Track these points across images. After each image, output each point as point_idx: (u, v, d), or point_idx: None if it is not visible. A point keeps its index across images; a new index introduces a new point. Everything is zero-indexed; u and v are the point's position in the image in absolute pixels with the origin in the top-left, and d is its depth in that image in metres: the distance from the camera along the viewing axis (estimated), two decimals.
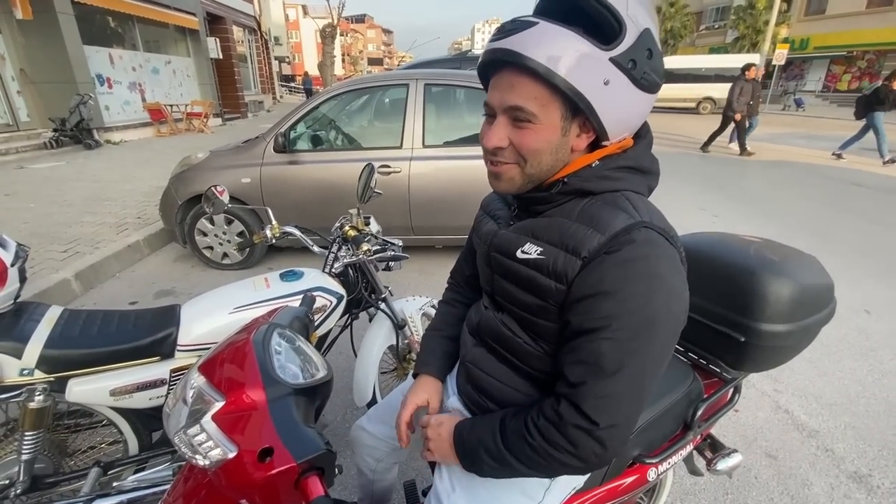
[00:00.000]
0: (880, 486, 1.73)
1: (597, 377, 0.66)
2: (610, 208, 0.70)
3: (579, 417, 0.67)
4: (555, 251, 0.71)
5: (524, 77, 0.65)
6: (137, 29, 10.73)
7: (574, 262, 0.68)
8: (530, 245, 0.75)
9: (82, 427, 1.39)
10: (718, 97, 19.11)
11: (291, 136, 3.44)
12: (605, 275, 0.65)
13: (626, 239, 0.66)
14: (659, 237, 0.68)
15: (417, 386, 0.99)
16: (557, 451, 0.69)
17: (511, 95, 0.67)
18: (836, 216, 5.12)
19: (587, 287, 0.67)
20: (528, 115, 0.67)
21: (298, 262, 3.57)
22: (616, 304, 0.64)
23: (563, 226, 0.72)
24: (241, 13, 16.23)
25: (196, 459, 0.66)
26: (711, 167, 7.91)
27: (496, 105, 0.70)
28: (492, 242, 0.84)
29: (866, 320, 2.91)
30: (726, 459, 1.16)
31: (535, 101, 0.66)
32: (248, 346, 0.76)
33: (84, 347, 1.21)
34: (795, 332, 1.01)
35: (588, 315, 0.67)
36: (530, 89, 0.65)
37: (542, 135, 0.68)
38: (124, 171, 6.58)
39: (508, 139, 0.70)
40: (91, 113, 8.27)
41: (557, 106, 0.66)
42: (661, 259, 0.66)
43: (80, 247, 3.61)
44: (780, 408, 2.14)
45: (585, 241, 0.68)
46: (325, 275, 1.58)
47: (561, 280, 0.70)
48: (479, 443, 0.79)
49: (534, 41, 0.62)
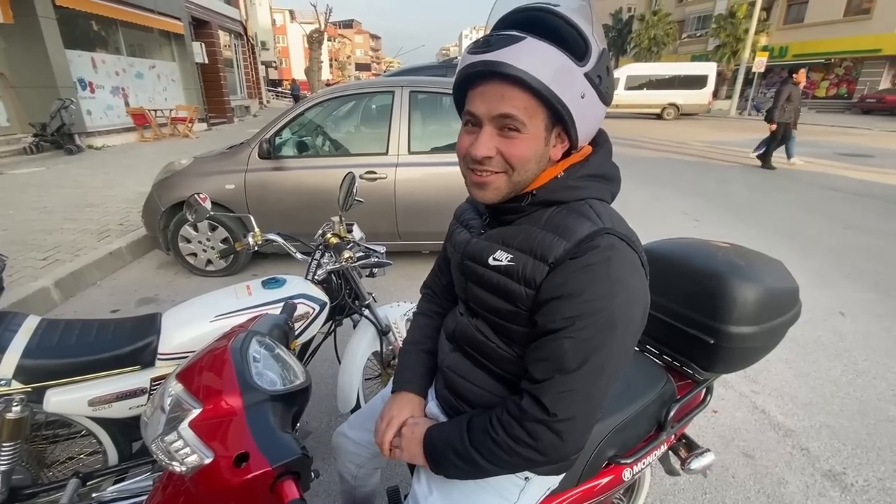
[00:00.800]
0: (854, 483, 1.79)
1: (558, 373, 0.70)
2: (575, 216, 0.74)
3: (539, 411, 0.70)
4: (524, 258, 0.74)
5: (513, 88, 0.67)
6: (121, 33, 10.63)
7: (542, 268, 0.72)
8: (501, 252, 0.78)
9: (60, 438, 1.38)
10: (682, 103, 19.92)
11: (276, 143, 3.44)
12: (568, 278, 0.69)
13: (590, 245, 0.70)
14: (621, 242, 0.71)
15: (400, 404, 0.96)
16: (519, 445, 0.72)
17: (501, 105, 0.69)
18: (811, 220, 5.26)
19: (552, 290, 0.70)
20: (517, 123, 0.69)
21: (284, 268, 3.56)
22: (578, 305, 0.68)
23: (531, 234, 0.76)
24: (228, 18, 16.16)
25: (173, 466, 0.67)
26: (692, 171, 8.06)
27: (483, 114, 0.71)
28: (465, 251, 0.87)
29: (841, 322, 2.99)
30: (699, 459, 1.19)
31: (525, 111, 0.69)
32: (225, 354, 0.77)
33: (62, 357, 1.20)
34: (762, 334, 1.05)
35: (553, 316, 0.70)
36: (520, 99, 0.68)
37: (529, 143, 0.71)
38: (107, 176, 6.49)
39: (496, 148, 0.72)
40: (73, 118, 8.16)
41: (543, 116, 0.70)
42: (622, 263, 0.70)
43: (61, 254, 3.55)
44: (758, 408, 2.20)
45: (552, 247, 0.72)
46: (307, 282, 1.59)
47: (530, 285, 0.73)
48: (446, 443, 0.81)
49: (524, 54, 0.65)
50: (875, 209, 5.75)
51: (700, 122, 19.66)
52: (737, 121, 19.95)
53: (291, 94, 27.57)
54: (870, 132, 15.14)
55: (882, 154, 10.31)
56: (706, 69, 20.46)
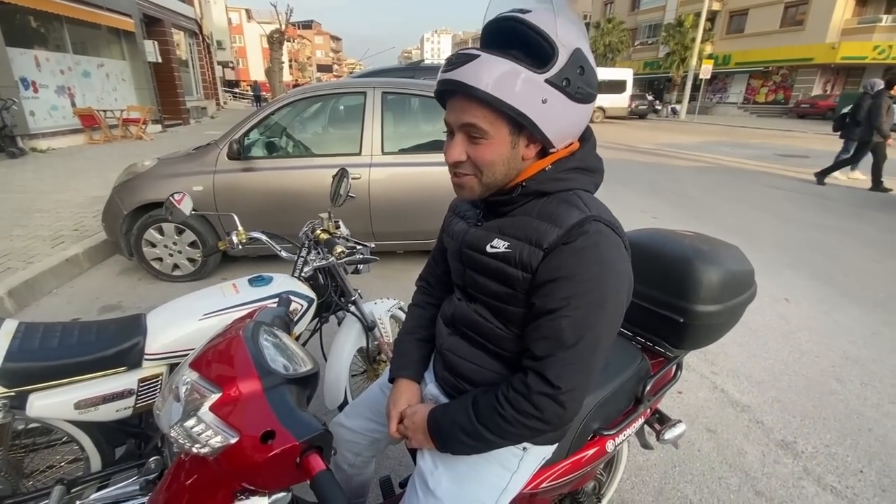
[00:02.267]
0: (804, 450, 1.97)
1: (559, 349, 0.77)
2: (565, 206, 0.81)
3: (544, 385, 0.77)
4: (520, 244, 0.81)
5: (471, 101, 0.74)
6: (66, 30, 10.01)
7: (537, 253, 0.79)
8: (498, 240, 0.85)
9: (40, 446, 1.33)
10: (608, 106, 21.05)
11: (246, 143, 3.38)
12: (562, 262, 0.77)
13: (580, 231, 0.77)
14: (606, 228, 0.79)
15: (398, 392, 1.03)
16: (525, 418, 0.79)
17: (464, 115, 0.77)
18: (757, 216, 5.67)
19: (548, 273, 0.77)
20: (480, 132, 0.77)
21: (253, 271, 3.48)
22: (573, 285, 0.75)
23: (525, 223, 0.83)
24: (181, 16, 15.53)
25: (195, 448, 0.69)
26: (649, 173, 8.47)
27: (453, 123, 0.80)
28: (463, 239, 0.93)
29: (785, 307, 3.26)
30: (672, 429, 1.30)
31: (485, 120, 0.76)
32: (239, 342, 0.79)
33: (46, 360, 1.17)
34: (724, 312, 1.16)
35: (550, 297, 0.77)
36: (478, 110, 0.75)
37: (494, 149, 0.78)
38: (55, 180, 6.12)
39: (466, 153, 0.80)
40: (14, 119, 7.64)
41: (504, 123, 0.76)
42: (609, 246, 0.78)
43: (12, 262, 3.35)
44: (717, 387, 2.37)
45: (546, 234, 0.79)
46: (294, 279, 1.60)
47: (527, 269, 0.80)
48: (453, 423, 0.87)
49: (478, 71, 0.71)
50: (812, 205, 6.26)
51: (650, 124, 20.58)
52: (686, 124, 21.06)
53: (253, 96, 26.82)
54: (804, 135, 16.38)
55: (816, 155, 11.17)
56: (624, 75, 21.78)
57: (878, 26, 22.61)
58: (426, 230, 3.55)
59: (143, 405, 1.32)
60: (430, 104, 3.69)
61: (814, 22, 24.03)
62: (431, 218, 3.47)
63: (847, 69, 24.65)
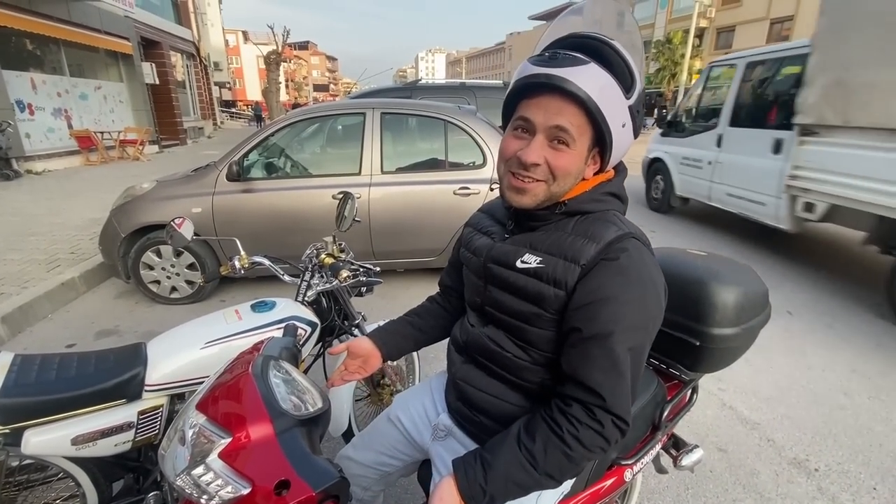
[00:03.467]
0: (817, 468, 1.93)
1: (616, 379, 0.74)
2: (601, 223, 0.80)
3: (612, 419, 0.74)
4: (554, 260, 0.79)
5: (572, 104, 0.73)
6: (64, 53, 10.07)
7: (573, 269, 0.76)
8: (529, 255, 0.82)
9: (35, 483, 1.28)
10: None
11: (245, 164, 3.37)
12: (605, 281, 0.74)
13: (620, 247, 0.76)
14: (644, 247, 0.79)
15: (358, 344, 1.06)
16: (592, 453, 0.76)
17: (558, 117, 0.74)
18: (753, 226, 5.68)
19: (590, 293, 0.75)
20: (569, 137, 0.75)
21: (252, 293, 3.46)
22: (618, 307, 0.73)
23: (560, 238, 0.81)
24: (179, 38, 15.71)
25: (203, 500, 0.66)
26: (640, 185, 8.51)
27: (539, 123, 0.76)
28: (488, 255, 0.90)
29: (789, 320, 3.25)
30: (690, 455, 1.27)
31: (577, 128, 0.75)
32: (248, 381, 0.76)
33: (42, 394, 1.13)
34: (741, 334, 1.14)
35: (595, 321, 0.74)
36: (575, 116, 0.74)
37: (574, 158, 0.77)
38: (50, 203, 6.09)
39: (544, 157, 0.77)
40: (10, 141, 7.63)
41: (589, 136, 0.77)
42: (650, 266, 0.78)
43: (6, 287, 3.29)
44: (725, 405, 2.34)
45: (583, 250, 0.77)
46: (297, 304, 1.57)
47: (560, 286, 0.77)
48: (506, 479, 0.76)
49: (587, 77, 0.71)
50: None
51: (642, 138, 20.80)
52: None
53: (254, 116, 27.23)
54: None
55: None
56: None
57: None
58: (426, 248, 3.53)
59: (142, 438, 1.27)
60: (427, 123, 3.72)
61: (800, 36, 24.48)
62: (431, 235, 3.47)
63: None
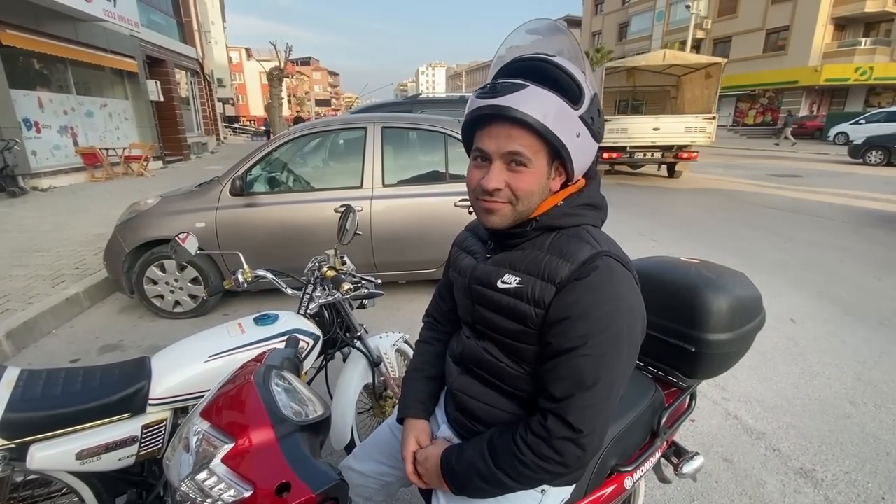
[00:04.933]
0: (824, 478, 1.91)
1: (578, 390, 0.75)
2: (575, 241, 0.82)
3: (565, 429, 0.76)
4: (532, 280, 0.81)
5: (519, 128, 0.76)
6: (70, 71, 10.27)
7: (549, 289, 0.79)
8: (509, 276, 0.85)
9: (39, 498, 1.28)
10: None
11: (249, 179, 3.42)
12: (576, 298, 0.76)
13: (592, 266, 0.78)
14: (617, 264, 0.80)
15: (407, 432, 1.01)
16: (545, 462, 0.77)
17: (510, 143, 0.77)
18: (754, 235, 5.70)
19: (562, 310, 0.77)
20: (524, 159, 0.78)
21: (255, 306, 3.48)
22: (588, 324, 0.75)
23: (536, 258, 0.83)
24: (184, 56, 16.00)
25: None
26: (643, 195, 8.56)
27: (493, 151, 0.79)
28: (472, 275, 0.93)
29: (792, 328, 3.24)
30: (691, 462, 1.26)
31: (530, 148, 0.78)
32: (251, 388, 0.78)
33: (48, 409, 1.14)
34: (736, 340, 1.15)
35: (565, 336, 0.77)
36: (525, 138, 0.77)
37: (534, 177, 0.80)
38: (56, 219, 6.15)
39: (505, 181, 0.80)
40: (16, 158, 7.74)
41: (545, 153, 0.79)
42: (621, 282, 0.79)
43: (11, 303, 3.32)
44: (730, 414, 2.33)
45: (558, 269, 0.79)
46: (300, 316, 1.58)
47: (539, 305, 0.80)
48: (469, 467, 0.84)
49: (527, 100, 0.74)
50: (808, 224, 6.31)
51: None
52: None
53: (265, 131, 28.21)
54: (795, 155, 16.67)
55: (808, 174, 11.37)
56: None
57: (857, 49, 23.40)
58: (427, 259, 3.55)
59: (146, 453, 1.28)
60: (428, 137, 3.77)
61: (795, 47, 24.85)
62: (432, 247, 3.49)
63: (832, 90, 25.33)
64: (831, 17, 24.16)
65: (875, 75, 23.05)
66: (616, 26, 37.54)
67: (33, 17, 8.53)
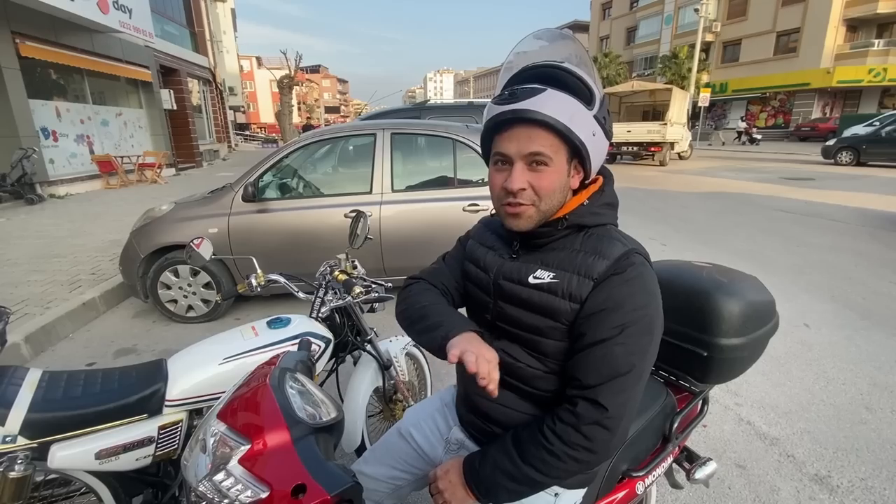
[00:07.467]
0: (840, 485, 1.88)
1: (613, 376, 0.78)
2: (607, 239, 0.86)
3: (596, 412, 0.77)
4: (567, 275, 0.84)
5: (539, 129, 0.80)
6: (87, 81, 10.52)
7: (587, 284, 0.82)
8: (542, 271, 0.87)
9: (58, 497, 1.31)
10: None
11: (261, 186, 3.47)
12: (612, 292, 0.80)
13: (627, 262, 0.82)
14: (646, 261, 0.84)
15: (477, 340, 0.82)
16: (573, 450, 0.78)
17: (531, 144, 0.81)
18: (767, 240, 5.63)
19: (598, 303, 0.80)
20: (545, 158, 0.81)
21: (267, 310, 3.51)
22: (624, 314, 0.79)
23: (570, 255, 0.86)
24: (196, 65, 16.30)
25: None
26: (653, 199, 8.51)
27: (514, 153, 0.82)
28: (499, 271, 0.93)
29: (806, 333, 3.19)
30: (703, 468, 1.26)
31: (550, 148, 0.81)
32: (266, 391, 0.80)
33: (69, 409, 1.17)
34: (748, 344, 1.15)
35: (601, 327, 0.80)
36: (545, 138, 0.80)
37: (555, 176, 0.83)
38: (72, 225, 6.28)
39: (528, 182, 0.83)
40: (34, 167, 7.92)
41: (564, 152, 0.83)
42: (651, 278, 0.83)
43: (29, 308, 3.39)
44: (743, 420, 2.30)
45: (595, 265, 0.83)
46: (312, 320, 1.61)
47: (575, 300, 0.82)
48: (494, 467, 0.84)
49: (546, 102, 0.78)
50: (821, 227, 6.22)
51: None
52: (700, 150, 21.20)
53: (273, 140, 29.03)
54: (807, 157, 16.45)
55: (821, 177, 11.21)
56: None
57: (870, 50, 23.10)
58: None
59: (162, 453, 1.31)
60: (436, 142, 3.80)
61: (807, 49, 24.62)
62: (441, 251, 3.45)
63: (844, 92, 25.01)
64: (843, 19, 23.91)
65: (889, 76, 22.72)
66: (624, 31, 37.54)
67: (51, 28, 8.77)
